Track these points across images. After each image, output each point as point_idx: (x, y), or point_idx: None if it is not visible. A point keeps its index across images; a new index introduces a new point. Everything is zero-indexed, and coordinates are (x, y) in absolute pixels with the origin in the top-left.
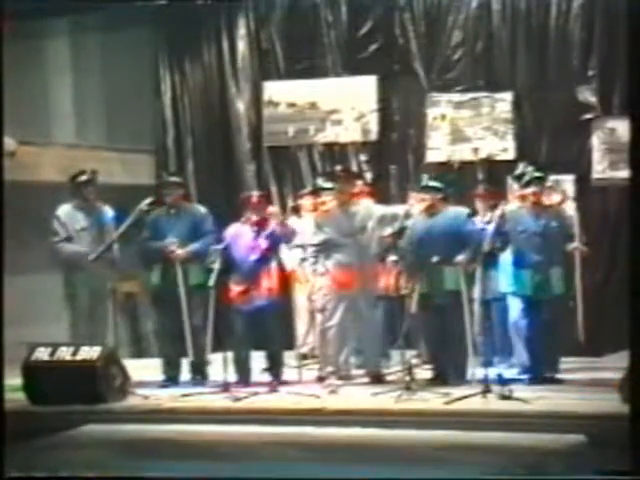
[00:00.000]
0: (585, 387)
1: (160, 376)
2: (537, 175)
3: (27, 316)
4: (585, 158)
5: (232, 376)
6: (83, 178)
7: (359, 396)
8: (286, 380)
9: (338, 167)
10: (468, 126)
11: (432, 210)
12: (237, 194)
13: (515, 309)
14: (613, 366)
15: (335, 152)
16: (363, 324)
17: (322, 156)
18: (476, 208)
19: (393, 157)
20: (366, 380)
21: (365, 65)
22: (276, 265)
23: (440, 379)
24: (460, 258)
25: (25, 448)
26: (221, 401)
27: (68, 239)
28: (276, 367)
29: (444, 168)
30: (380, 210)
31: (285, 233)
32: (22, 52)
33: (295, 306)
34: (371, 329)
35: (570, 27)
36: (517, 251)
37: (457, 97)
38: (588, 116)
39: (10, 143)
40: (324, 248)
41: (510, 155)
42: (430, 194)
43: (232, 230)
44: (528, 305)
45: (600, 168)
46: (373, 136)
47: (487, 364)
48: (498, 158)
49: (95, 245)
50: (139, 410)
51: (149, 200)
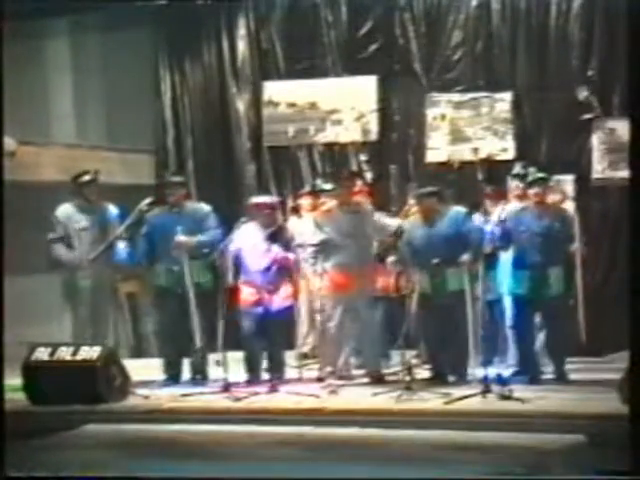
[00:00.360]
0: (585, 387)
1: (161, 376)
2: (540, 176)
3: (27, 316)
4: (585, 158)
5: (233, 376)
6: (86, 178)
7: (359, 396)
8: (286, 380)
9: (342, 171)
10: (468, 126)
11: (431, 215)
12: (237, 194)
13: (515, 309)
14: (613, 366)
15: (335, 152)
16: (362, 325)
17: (322, 156)
18: (485, 208)
19: (393, 157)
20: (366, 380)
21: (365, 65)
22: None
23: (439, 379)
24: (464, 257)
25: (25, 448)
26: (221, 401)
27: (63, 239)
28: (278, 367)
29: (444, 168)
30: (379, 221)
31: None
32: (22, 52)
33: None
34: (370, 330)
35: (570, 27)
36: (518, 251)
37: (457, 97)
38: (588, 116)
39: (10, 143)
40: (323, 249)
41: (510, 155)
42: (426, 202)
43: (242, 233)
44: (529, 305)
45: (600, 168)
46: (373, 136)
47: (487, 364)
48: (498, 158)
49: (96, 245)
50: (139, 410)
51: (149, 200)
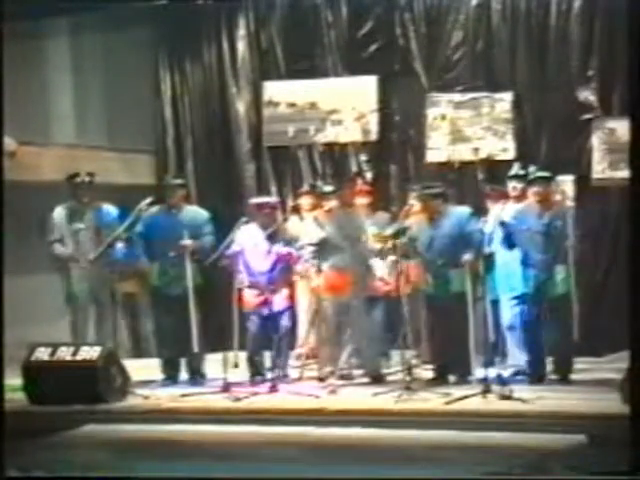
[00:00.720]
0: (585, 387)
1: (160, 376)
2: (540, 174)
3: (27, 316)
4: (585, 158)
5: (233, 376)
6: (77, 180)
7: (359, 396)
8: (286, 380)
9: (344, 173)
10: (468, 126)
11: (435, 215)
12: (237, 194)
13: (518, 309)
14: (613, 366)
15: (335, 152)
16: (362, 325)
17: (322, 156)
18: (486, 207)
19: (393, 157)
20: (366, 380)
21: (365, 65)
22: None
23: (442, 379)
24: (466, 257)
25: (25, 448)
26: (221, 401)
27: (60, 240)
28: (283, 366)
29: (444, 168)
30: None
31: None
32: (22, 52)
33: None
34: (370, 330)
35: (570, 27)
36: (521, 250)
37: (457, 97)
38: (588, 116)
39: (10, 143)
40: (322, 248)
41: (510, 155)
42: (430, 201)
43: (244, 234)
44: (531, 304)
45: (600, 168)
46: (373, 136)
47: (488, 364)
48: (498, 158)
49: (92, 246)
50: (139, 410)
51: (149, 200)
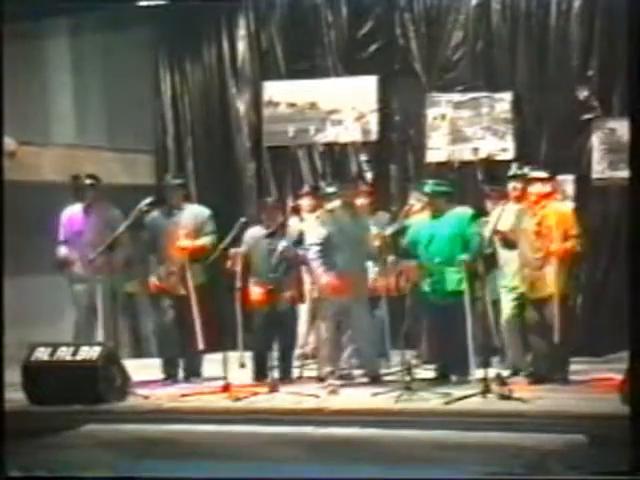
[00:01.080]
0: (585, 387)
1: (160, 375)
2: (535, 175)
3: (27, 316)
4: (585, 158)
5: (238, 376)
6: (79, 182)
7: (359, 396)
8: (286, 380)
9: (346, 175)
10: (468, 126)
11: (436, 213)
12: (237, 194)
13: (512, 308)
14: (613, 366)
15: (335, 152)
16: (362, 325)
17: (322, 156)
18: (485, 208)
19: (393, 157)
20: (366, 380)
21: (365, 65)
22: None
23: (442, 379)
24: (462, 258)
25: (25, 448)
26: (221, 401)
27: (65, 242)
28: (288, 366)
29: (444, 168)
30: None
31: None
32: (22, 52)
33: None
34: (370, 330)
35: (570, 27)
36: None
37: (457, 97)
38: (588, 116)
39: (10, 143)
40: (324, 248)
41: (510, 155)
42: (436, 199)
43: (250, 233)
44: (524, 304)
45: (600, 168)
46: (373, 136)
47: (487, 364)
48: (498, 158)
49: (93, 247)
50: (139, 410)
51: (149, 200)
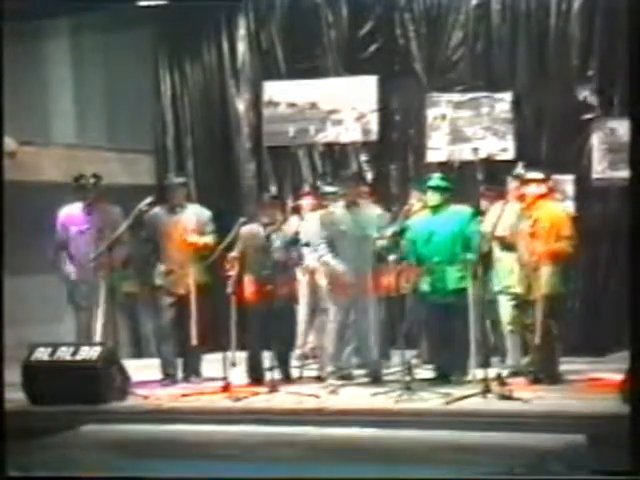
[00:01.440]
0: (585, 387)
1: (159, 376)
2: (531, 176)
3: (27, 316)
4: (585, 158)
5: (235, 376)
6: (83, 182)
7: (359, 396)
8: (286, 380)
9: (345, 173)
10: (468, 126)
11: (437, 209)
12: (237, 194)
13: (509, 308)
14: (613, 366)
15: (335, 152)
16: (362, 325)
17: (322, 156)
18: (480, 207)
19: (393, 157)
20: (366, 380)
21: (365, 65)
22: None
23: (441, 379)
24: (468, 257)
25: (25, 448)
26: (221, 401)
27: (66, 243)
28: (285, 365)
29: (444, 168)
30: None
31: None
32: (22, 52)
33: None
34: (370, 330)
35: (570, 27)
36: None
37: (457, 97)
38: (588, 116)
39: (10, 143)
40: (326, 248)
41: (510, 155)
42: (438, 194)
43: (247, 230)
44: (520, 304)
45: (600, 168)
46: (373, 136)
47: (487, 364)
48: (498, 158)
49: (95, 246)
50: (139, 410)
51: (149, 200)
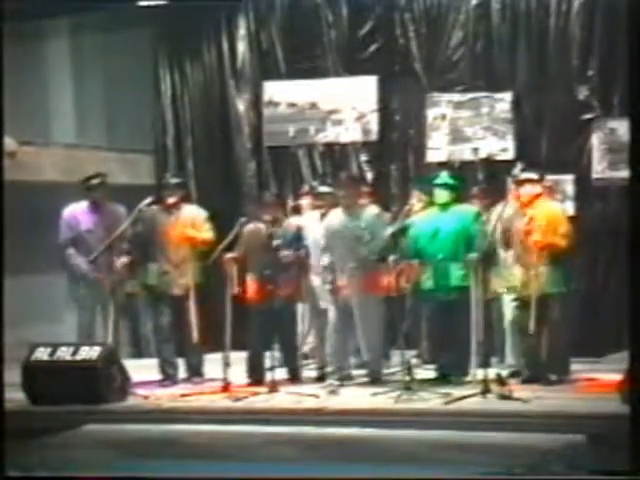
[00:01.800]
0: (585, 387)
1: (159, 376)
2: (526, 177)
3: (27, 316)
4: (585, 158)
5: (234, 376)
6: (94, 182)
7: (359, 396)
8: (286, 380)
9: (341, 176)
10: (468, 126)
11: (444, 207)
12: (237, 194)
13: (509, 308)
14: (613, 366)
15: (335, 152)
16: (362, 325)
17: (322, 156)
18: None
19: (393, 157)
20: (366, 380)
21: (365, 65)
22: (296, 265)
23: (442, 379)
24: (471, 257)
25: (25, 448)
26: (221, 401)
27: (73, 241)
28: (292, 366)
29: (444, 168)
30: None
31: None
32: (22, 52)
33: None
34: (370, 330)
35: (570, 27)
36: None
37: (457, 97)
38: (588, 116)
39: (10, 143)
40: (324, 249)
41: (510, 155)
42: (446, 192)
43: (249, 230)
44: (520, 304)
45: (600, 168)
46: (373, 136)
47: (487, 364)
48: (498, 158)
49: (95, 246)
50: (139, 410)
51: (149, 200)
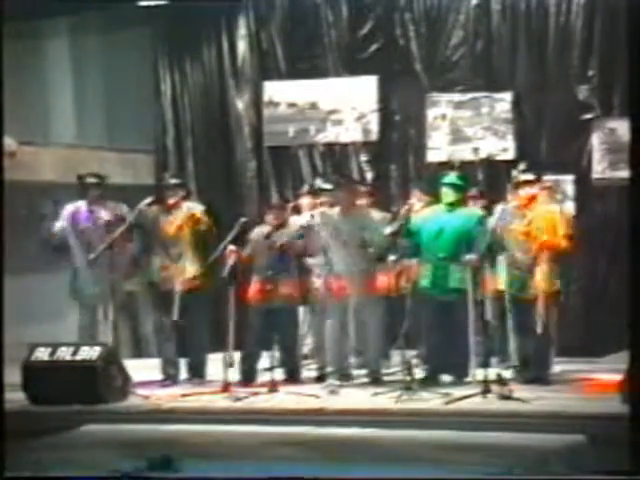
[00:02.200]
0: (585, 387)
1: (160, 376)
2: (524, 178)
3: (27, 316)
4: (585, 158)
5: (232, 376)
6: (90, 180)
7: (359, 396)
8: (286, 380)
9: (339, 175)
10: (468, 126)
11: (451, 207)
12: (237, 194)
13: (509, 308)
14: (613, 366)
15: (335, 152)
16: (362, 325)
17: (322, 156)
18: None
19: (393, 157)
20: (366, 380)
21: (365, 65)
22: (297, 266)
23: (434, 379)
24: (468, 257)
25: (25, 448)
26: (221, 401)
27: (67, 239)
28: (291, 366)
29: (444, 168)
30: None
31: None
32: (22, 52)
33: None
34: (370, 330)
35: (570, 27)
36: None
37: (457, 97)
38: (588, 116)
39: (10, 143)
40: (323, 249)
41: (510, 155)
42: (454, 191)
43: (254, 233)
44: (517, 304)
45: (600, 168)
46: (373, 136)
47: (486, 364)
48: (498, 158)
49: (99, 244)
50: (139, 410)
51: (149, 200)
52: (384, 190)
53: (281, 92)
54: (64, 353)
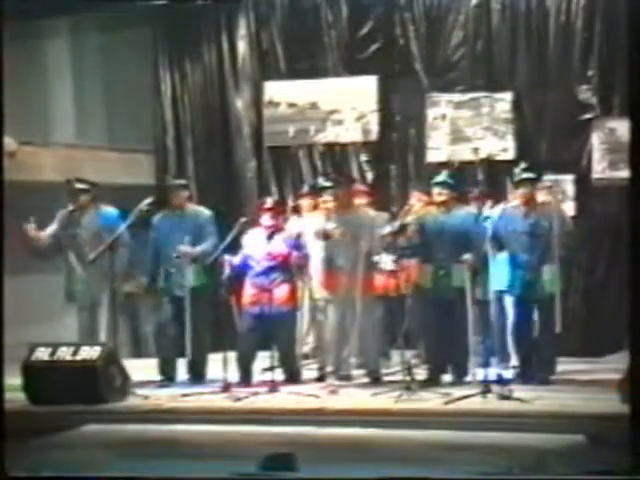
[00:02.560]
0: (585, 387)
1: (159, 376)
2: (525, 177)
3: (27, 316)
4: (585, 158)
5: (232, 376)
6: (79, 186)
7: (359, 396)
8: (286, 380)
9: (339, 176)
10: (468, 126)
11: (446, 207)
12: (237, 194)
13: (508, 309)
14: (613, 366)
15: (335, 152)
16: (362, 325)
17: (322, 156)
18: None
19: (393, 157)
20: (366, 380)
21: (365, 65)
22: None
23: (435, 380)
24: (467, 257)
25: (25, 448)
26: (221, 401)
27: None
28: (289, 368)
29: (444, 168)
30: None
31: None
32: (22, 52)
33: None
34: (369, 330)
35: (570, 27)
36: (508, 251)
37: (457, 97)
38: (588, 116)
39: (10, 143)
40: (323, 247)
41: (510, 155)
42: (447, 190)
43: (249, 236)
44: (520, 304)
45: (600, 168)
46: (373, 136)
47: (487, 364)
48: (498, 158)
49: (90, 248)
50: (139, 410)
51: (149, 200)
52: (384, 190)
53: (281, 92)
54: (64, 353)
